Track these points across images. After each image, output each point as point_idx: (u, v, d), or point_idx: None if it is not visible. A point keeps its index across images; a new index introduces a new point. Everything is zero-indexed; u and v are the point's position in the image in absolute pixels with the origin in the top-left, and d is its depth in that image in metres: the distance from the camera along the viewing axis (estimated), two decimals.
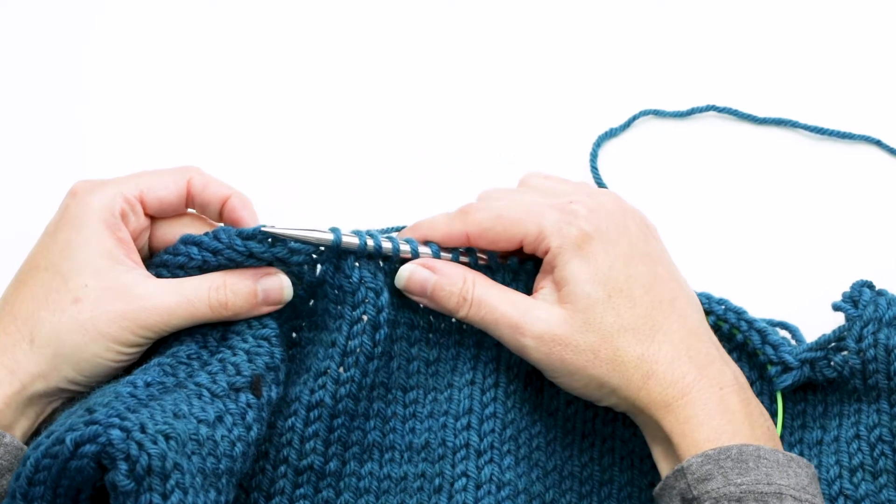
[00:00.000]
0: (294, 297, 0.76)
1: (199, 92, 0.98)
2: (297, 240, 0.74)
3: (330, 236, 0.75)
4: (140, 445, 0.66)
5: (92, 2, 1.02)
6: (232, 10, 1.02)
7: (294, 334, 0.78)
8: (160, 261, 0.75)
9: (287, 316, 0.78)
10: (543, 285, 0.75)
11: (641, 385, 0.72)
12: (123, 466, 0.65)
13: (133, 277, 0.72)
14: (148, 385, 0.70)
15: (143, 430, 0.66)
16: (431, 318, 0.79)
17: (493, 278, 0.77)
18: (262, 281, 0.74)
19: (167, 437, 0.66)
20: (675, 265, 0.78)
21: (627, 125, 0.96)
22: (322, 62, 1.00)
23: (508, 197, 0.78)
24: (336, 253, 0.76)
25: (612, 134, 0.96)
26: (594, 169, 0.93)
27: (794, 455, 0.70)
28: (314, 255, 0.76)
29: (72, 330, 0.71)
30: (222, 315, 0.74)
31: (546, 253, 0.74)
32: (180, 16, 1.02)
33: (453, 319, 0.78)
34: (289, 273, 0.76)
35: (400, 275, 0.76)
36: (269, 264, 0.75)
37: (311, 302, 0.78)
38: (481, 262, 0.78)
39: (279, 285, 0.75)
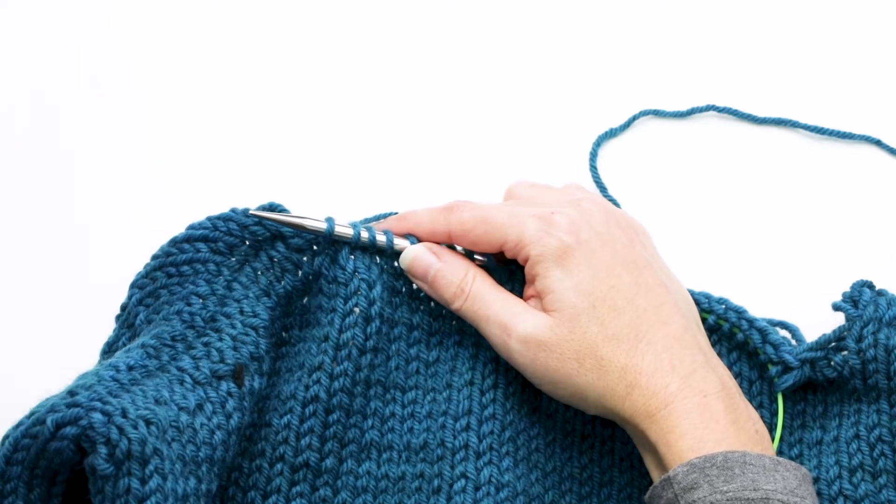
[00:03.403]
0: (289, 290, 0.77)
1: (197, 88, 0.98)
2: (290, 225, 0.76)
3: (323, 225, 0.76)
4: (121, 430, 0.66)
5: (101, 4, 1.02)
6: (230, 6, 1.03)
7: (284, 333, 0.79)
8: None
9: (280, 312, 0.78)
10: (530, 294, 0.76)
11: (626, 395, 0.72)
12: (103, 450, 0.65)
13: None
14: (130, 369, 0.70)
15: (124, 414, 0.66)
16: (431, 319, 0.79)
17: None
18: None
19: (148, 423, 0.66)
20: (665, 268, 0.78)
21: (627, 125, 0.96)
22: (322, 60, 1.00)
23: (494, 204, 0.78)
24: (329, 242, 0.77)
25: (611, 134, 0.96)
26: (593, 168, 0.93)
27: (781, 459, 0.69)
28: (315, 247, 0.77)
29: None
30: None
31: (526, 261, 0.75)
32: (178, 13, 1.02)
33: (453, 322, 0.78)
34: (287, 260, 0.76)
35: (406, 255, 0.77)
36: (273, 238, 0.76)
37: (305, 299, 0.78)
38: (478, 263, 0.78)
39: None
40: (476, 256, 0.78)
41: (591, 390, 0.73)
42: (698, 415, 0.70)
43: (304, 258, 0.77)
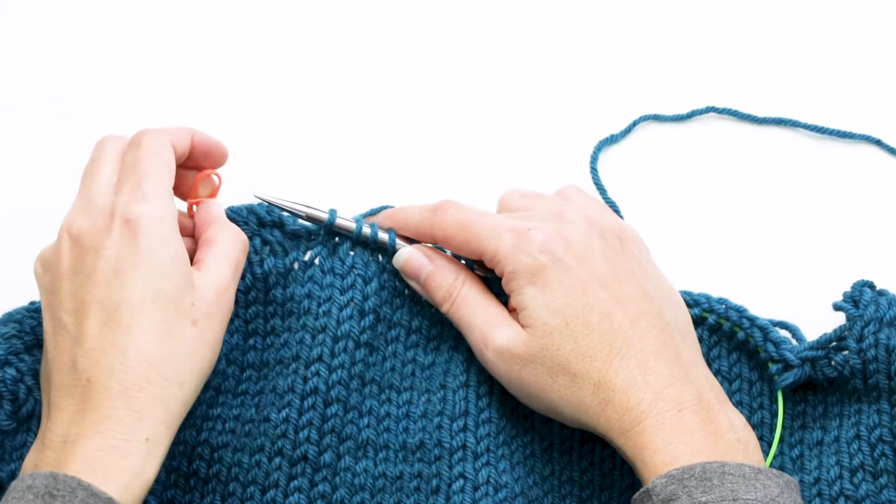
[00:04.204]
0: (267, 273, 0.78)
1: (198, 86, 0.98)
2: (292, 212, 0.77)
3: (324, 215, 0.77)
4: (29, 390, 0.67)
5: (92, 1, 1.03)
6: (231, 5, 1.03)
7: (265, 323, 0.79)
8: None
9: (258, 298, 0.79)
10: (512, 307, 0.75)
11: (600, 412, 0.72)
12: (8, 407, 0.67)
13: (197, 274, 0.72)
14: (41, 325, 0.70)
15: (35, 374, 0.68)
16: (430, 325, 0.79)
17: (490, 288, 0.78)
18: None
19: None
20: (656, 275, 0.77)
21: (628, 131, 0.96)
22: (326, 64, 1.00)
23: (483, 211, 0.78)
24: (330, 233, 0.78)
25: (612, 140, 0.96)
26: (594, 171, 0.93)
27: (762, 467, 0.69)
28: (312, 237, 0.78)
29: (204, 356, 0.70)
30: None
31: (502, 275, 0.75)
32: (179, 10, 1.02)
33: (452, 329, 0.78)
34: (278, 244, 0.78)
35: (399, 255, 0.77)
36: (272, 224, 0.78)
37: (288, 289, 0.78)
38: (478, 272, 0.78)
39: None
40: (476, 266, 0.78)
41: (564, 405, 0.73)
42: (671, 430, 0.70)
43: (299, 246, 0.78)
